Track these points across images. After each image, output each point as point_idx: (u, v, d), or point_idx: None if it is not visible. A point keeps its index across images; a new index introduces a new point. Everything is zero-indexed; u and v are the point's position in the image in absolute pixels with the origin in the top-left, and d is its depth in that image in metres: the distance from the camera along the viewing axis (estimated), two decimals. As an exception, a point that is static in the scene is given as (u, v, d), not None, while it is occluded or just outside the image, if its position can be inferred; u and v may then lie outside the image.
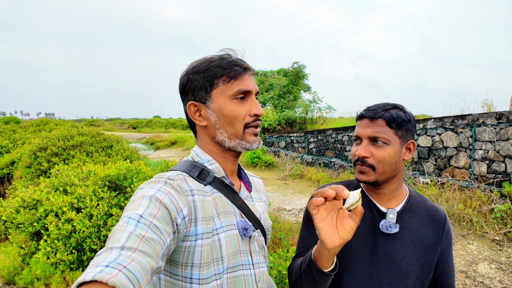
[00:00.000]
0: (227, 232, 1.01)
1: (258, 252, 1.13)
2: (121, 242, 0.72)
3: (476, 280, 4.20)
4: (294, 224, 5.47)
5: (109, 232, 3.45)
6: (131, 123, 59.62)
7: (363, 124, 1.23)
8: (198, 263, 0.94)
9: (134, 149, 9.38)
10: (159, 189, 0.90)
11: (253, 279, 1.06)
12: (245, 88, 1.04)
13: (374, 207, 1.29)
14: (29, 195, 4.21)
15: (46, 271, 3.51)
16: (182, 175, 1.01)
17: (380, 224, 1.24)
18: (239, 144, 1.07)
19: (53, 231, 3.50)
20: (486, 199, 5.81)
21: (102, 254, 0.69)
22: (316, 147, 12.41)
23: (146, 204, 0.84)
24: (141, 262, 0.69)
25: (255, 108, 1.06)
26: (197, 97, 1.06)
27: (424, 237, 1.23)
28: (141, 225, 0.77)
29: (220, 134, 1.06)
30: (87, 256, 3.55)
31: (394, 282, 1.19)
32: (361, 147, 1.20)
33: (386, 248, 1.22)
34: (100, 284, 0.60)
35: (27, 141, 12.27)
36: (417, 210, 1.28)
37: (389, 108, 1.21)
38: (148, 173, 4.48)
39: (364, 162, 1.20)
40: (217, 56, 1.07)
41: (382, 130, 1.18)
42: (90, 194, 3.84)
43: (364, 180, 1.21)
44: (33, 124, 20.74)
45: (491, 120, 6.23)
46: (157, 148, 25.95)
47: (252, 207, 1.15)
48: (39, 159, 7.36)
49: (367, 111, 1.23)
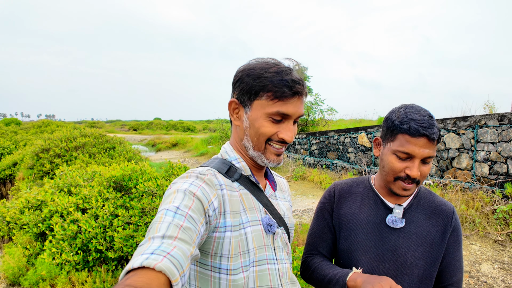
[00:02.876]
0: (253, 227, 1.05)
1: (281, 249, 1.16)
2: (162, 231, 0.76)
3: (480, 280, 4.22)
4: (298, 225, 5.49)
5: (115, 232, 3.47)
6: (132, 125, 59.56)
7: (420, 144, 1.14)
8: (226, 254, 0.98)
9: (136, 150, 9.38)
10: (191, 183, 0.95)
11: (277, 274, 1.09)
12: (285, 111, 1.03)
13: (382, 203, 1.33)
14: (34, 196, 4.20)
15: (51, 272, 3.50)
16: (212, 170, 1.06)
17: (387, 219, 1.28)
18: (259, 157, 1.10)
19: (58, 231, 3.50)
20: (488, 200, 5.82)
21: (145, 244, 0.74)
22: (318, 148, 12.42)
23: (181, 197, 0.89)
24: (182, 249, 0.74)
25: (285, 133, 1.06)
26: (240, 98, 1.08)
27: (430, 232, 1.26)
28: (178, 216, 0.82)
29: (247, 140, 1.10)
30: (92, 257, 3.54)
31: (399, 274, 1.23)
32: (415, 167, 1.16)
33: (391, 242, 1.25)
34: (148, 269, 0.64)
35: (28, 142, 12.27)
36: (424, 206, 1.31)
37: (435, 123, 1.18)
38: (153, 174, 4.48)
39: (414, 180, 1.19)
40: (276, 67, 1.05)
41: (434, 149, 1.18)
42: (95, 195, 3.84)
43: (407, 195, 1.22)
44: (34, 125, 20.74)
45: (493, 121, 6.25)
46: (159, 150, 25.95)
47: (276, 205, 1.18)
48: (42, 160, 7.35)
49: (428, 130, 1.14)
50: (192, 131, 44.92)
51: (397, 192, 1.23)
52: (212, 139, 22.00)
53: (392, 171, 1.21)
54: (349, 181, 1.47)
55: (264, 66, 1.05)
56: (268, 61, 1.08)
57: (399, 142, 1.18)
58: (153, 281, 0.62)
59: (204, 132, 40.65)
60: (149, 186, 3.90)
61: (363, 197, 1.38)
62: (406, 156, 1.17)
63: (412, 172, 1.16)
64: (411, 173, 1.16)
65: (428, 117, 1.17)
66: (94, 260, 3.63)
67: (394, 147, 1.20)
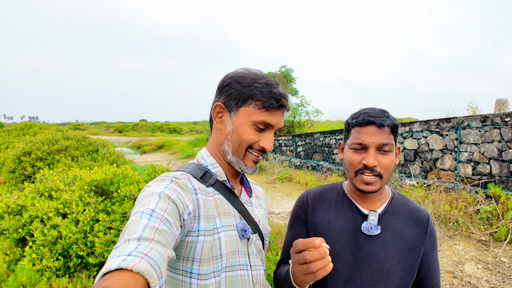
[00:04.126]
0: (226, 232, 1.05)
1: (255, 255, 1.15)
2: (138, 233, 0.76)
3: (463, 280, 4.25)
4: (282, 227, 5.47)
5: (95, 238, 3.41)
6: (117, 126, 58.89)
7: (370, 132, 1.18)
8: (198, 258, 0.97)
9: (120, 153, 9.28)
10: (166, 186, 0.95)
11: (250, 280, 1.09)
12: (270, 122, 1.08)
13: (356, 210, 1.30)
14: (14, 201, 4.11)
15: (31, 278, 3.42)
16: (186, 175, 1.06)
17: (362, 226, 1.25)
18: (237, 163, 1.11)
19: (38, 237, 3.43)
20: (471, 200, 5.90)
21: (120, 246, 0.73)
22: (304, 150, 12.45)
23: (156, 200, 0.88)
24: (159, 251, 0.73)
25: (266, 142, 1.09)
26: (227, 102, 1.10)
27: (407, 238, 1.24)
28: (154, 219, 0.82)
29: (227, 145, 1.11)
30: (73, 263, 3.48)
31: (376, 283, 1.21)
32: (370, 155, 1.17)
33: (368, 250, 1.23)
34: (125, 271, 0.63)
35: (10, 145, 12.04)
36: (399, 212, 1.30)
37: (388, 115, 1.22)
38: (135, 177, 4.43)
39: (373, 171, 1.18)
40: (265, 80, 1.10)
41: (389, 137, 1.18)
42: (76, 199, 3.78)
43: (370, 190, 1.20)
44: (17, 128, 20.31)
45: (476, 122, 6.34)
46: (144, 152, 25.71)
47: (251, 212, 1.19)
48: (23, 163, 7.23)
49: (376, 118, 1.18)
50: (178, 133, 44.69)
51: (360, 188, 1.21)
52: (198, 141, 21.92)
53: (351, 164, 1.22)
54: (322, 188, 1.45)
55: (254, 76, 1.10)
56: (257, 72, 1.13)
57: (352, 136, 1.23)
58: (131, 283, 0.61)
59: (190, 134, 40.48)
60: (130, 190, 3.85)
61: (337, 203, 1.36)
62: (360, 146, 1.20)
63: (367, 161, 1.16)
64: (366, 162, 1.17)
65: (379, 110, 1.22)
66: (75, 266, 3.56)
67: (349, 141, 1.24)
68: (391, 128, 1.19)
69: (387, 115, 1.21)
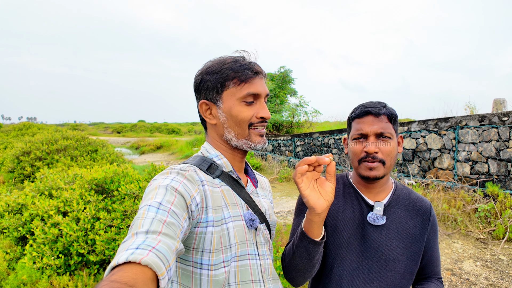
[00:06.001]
0: (235, 222, 1.05)
1: (263, 244, 1.17)
2: (145, 227, 0.76)
3: (462, 277, 4.27)
4: (282, 226, 5.48)
5: (96, 236, 3.41)
6: (115, 127, 58.67)
7: (367, 121, 1.25)
8: (208, 249, 0.98)
9: (119, 153, 9.27)
10: (173, 179, 0.95)
11: (259, 269, 1.10)
12: (254, 91, 1.09)
13: (363, 200, 1.35)
14: (14, 199, 4.11)
15: (32, 276, 3.42)
16: (192, 167, 1.06)
17: (368, 216, 1.30)
18: (245, 144, 1.12)
19: (39, 235, 3.42)
20: (470, 199, 5.92)
21: (129, 240, 0.73)
22: (303, 150, 12.47)
23: (163, 193, 0.88)
24: (167, 243, 0.73)
25: (262, 111, 1.11)
26: (209, 96, 1.12)
27: (410, 227, 1.30)
28: (161, 211, 0.82)
29: (228, 133, 1.12)
30: (74, 261, 3.47)
31: (382, 271, 1.26)
32: (370, 143, 1.23)
33: (374, 239, 1.28)
34: (134, 264, 0.64)
35: (9, 145, 12.02)
36: (403, 202, 1.35)
37: (385, 105, 1.28)
38: (136, 176, 4.42)
39: (375, 158, 1.23)
40: (231, 58, 1.12)
41: (386, 125, 1.24)
42: (76, 198, 3.77)
43: (375, 175, 1.24)
44: (15, 128, 20.28)
45: (473, 122, 6.37)
46: (142, 152, 25.65)
47: (257, 202, 1.20)
48: (23, 163, 7.22)
49: (372, 108, 1.25)
50: (177, 134, 44.59)
51: (364, 174, 1.25)
52: (197, 141, 21.90)
53: (354, 154, 1.28)
54: None
55: (220, 60, 1.12)
56: (221, 56, 1.15)
57: (353, 128, 1.30)
58: (139, 276, 0.62)
59: (189, 134, 40.40)
60: (131, 188, 3.85)
61: (344, 193, 1.40)
62: (360, 136, 1.26)
63: (368, 148, 1.22)
64: (367, 149, 1.22)
65: (376, 102, 1.30)
66: (75, 264, 3.55)
67: (351, 134, 1.31)
68: (388, 117, 1.25)
69: (384, 105, 1.28)
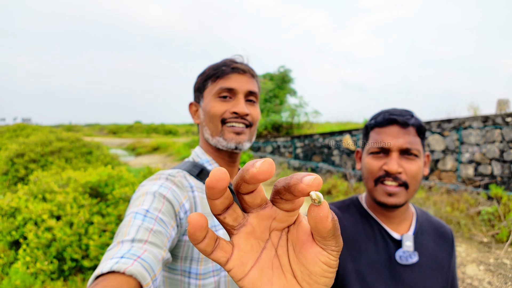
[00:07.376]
0: None
1: None
2: (131, 235, 0.74)
3: (465, 282, 4.20)
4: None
5: (90, 240, 3.36)
6: (111, 128, 58.39)
7: (391, 132, 1.00)
8: (197, 257, 0.95)
9: (114, 155, 9.19)
10: (161, 185, 0.92)
11: None
12: (228, 86, 1.05)
13: (387, 234, 1.08)
14: (7, 203, 4.10)
15: (25, 281, 3.41)
16: (182, 172, 1.03)
17: (399, 256, 1.04)
18: (218, 142, 1.07)
19: (32, 239, 3.43)
20: (473, 202, 5.85)
21: (113, 248, 0.71)
22: (303, 152, 12.38)
23: (150, 200, 0.86)
24: (153, 253, 0.71)
25: (236, 107, 1.05)
26: (196, 97, 1.14)
27: (440, 259, 1.08)
28: (148, 219, 0.79)
29: (205, 131, 1.10)
30: (68, 266, 3.46)
31: None
32: (392, 160, 0.99)
33: (405, 281, 1.03)
34: (118, 274, 0.61)
35: (3, 147, 11.92)
36: (427, 231, 1.12)
37: (413, 114, 1.04)
38: (130, 179, 4.43)
39: (396, 179, 0.99)
40: (219, 61, 1.12)
41: (415, 140, 1.00)
42: (70, 202, 3.77)
43: (394, 203, 1.00)
44: (9, 129, 20.11)
45: (477, 123, 6.29)
46: (139, 154, 25.50)
47: None
48: (16, 165, 7.17)
49: (398, 116, 1.01)
50: (174, 135, 44.49)
51: (381, 200, 1.01)
52: (194, 142, 21.81)
53: (370, 172, 1.04)
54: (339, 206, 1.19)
55: (210, 65, 1.12)
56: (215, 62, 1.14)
57: (371, 139, 1.05)
58: (123, 286, 0.59)
59: (186, 135, 40.32)
60: (125, 192, 3.82)
61: (364, 227, 1.11)
62: (380, 150, 1.02)
63: (390, 166, 0.98)
64: (388, 168, 0.98)
65: (402, 109, 1.06)
66: (69, 269, 3.54)
67: (368, 146, 1.06)
68: (417, 129, 1.01)
69: (411, 113, 1.04)
